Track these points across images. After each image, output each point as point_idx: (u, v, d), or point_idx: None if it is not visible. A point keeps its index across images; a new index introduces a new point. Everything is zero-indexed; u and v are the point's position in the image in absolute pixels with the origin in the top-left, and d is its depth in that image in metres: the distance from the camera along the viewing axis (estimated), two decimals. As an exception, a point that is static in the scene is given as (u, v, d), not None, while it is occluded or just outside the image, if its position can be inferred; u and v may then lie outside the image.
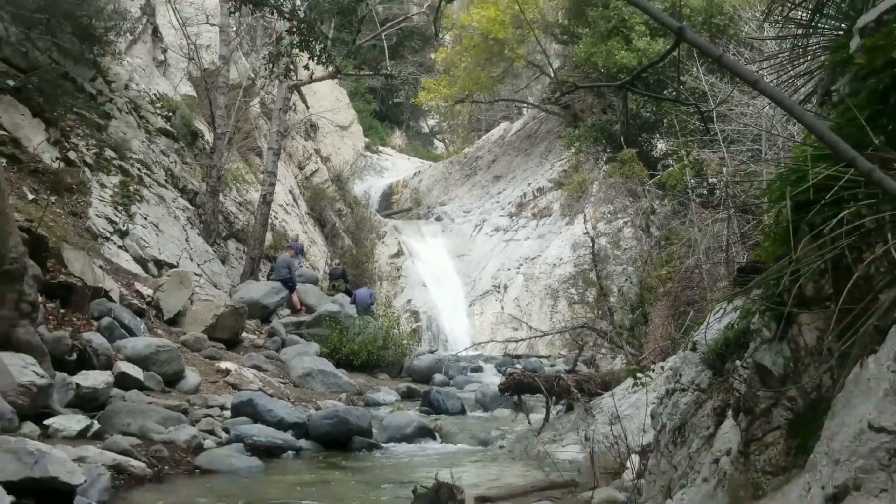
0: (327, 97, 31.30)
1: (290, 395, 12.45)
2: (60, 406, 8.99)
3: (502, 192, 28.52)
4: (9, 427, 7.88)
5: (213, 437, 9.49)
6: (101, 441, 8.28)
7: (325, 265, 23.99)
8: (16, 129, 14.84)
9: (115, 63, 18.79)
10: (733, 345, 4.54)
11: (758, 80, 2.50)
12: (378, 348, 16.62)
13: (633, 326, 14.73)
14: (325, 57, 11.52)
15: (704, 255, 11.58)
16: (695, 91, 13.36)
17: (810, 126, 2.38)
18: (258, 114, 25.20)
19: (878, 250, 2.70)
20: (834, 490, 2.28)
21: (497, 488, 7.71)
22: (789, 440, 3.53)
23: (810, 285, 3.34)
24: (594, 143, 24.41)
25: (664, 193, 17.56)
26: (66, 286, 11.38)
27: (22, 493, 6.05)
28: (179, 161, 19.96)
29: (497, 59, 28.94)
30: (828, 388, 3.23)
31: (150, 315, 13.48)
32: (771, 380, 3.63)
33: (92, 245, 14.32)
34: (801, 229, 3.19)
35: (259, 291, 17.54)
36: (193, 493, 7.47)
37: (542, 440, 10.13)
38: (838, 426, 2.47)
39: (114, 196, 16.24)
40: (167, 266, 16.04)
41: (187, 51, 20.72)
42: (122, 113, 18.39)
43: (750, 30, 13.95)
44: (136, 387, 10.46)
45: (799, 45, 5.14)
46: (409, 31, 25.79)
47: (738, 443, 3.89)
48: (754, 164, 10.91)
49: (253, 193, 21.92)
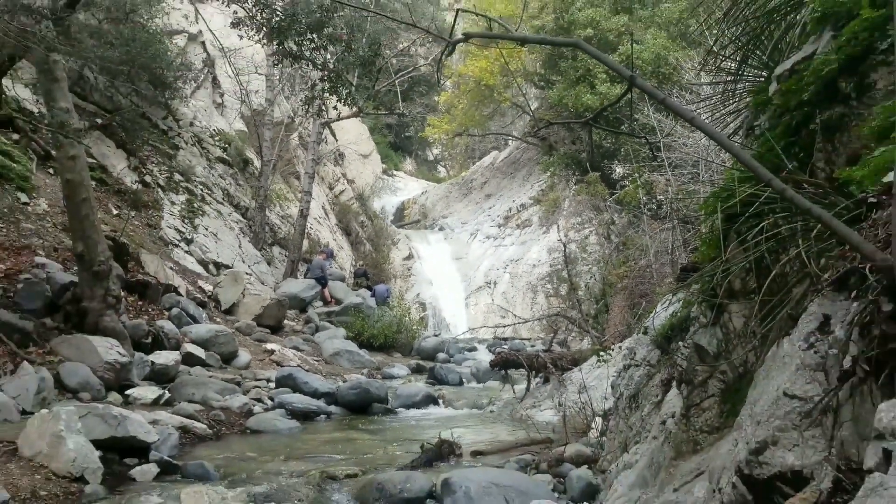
0: (352, 131, 31.25)
1: (323, 371, 12.44)
2: (138, 379, 9.01)
3: (492, 207, 28.48)
4: (97, 396, 7.91)
5: (261, 404, 9.50)
6: (171, 407, 8.29)
7: (351, 266, 23.95)
8: (103, 158, 14.87)
9: (183, 105, 18.80)
10: (677, 329, 4.54)
11: (694, 117, 2.50)
12: (393, 333, 16.58)
13: (597, 314, 14.73)
14: (350, 100, 11.51)
15: (654, 258, 11.59)
16: (646, 126, 13.36)
17: (735, 154, 2.38)
18: (297, 145, 25.19)
19: (791, 253, 2.70)
20: (756, 445, 2.28)
21: (488, 444, 7.70)
22: (722, 405, 3.53)
23: (738, 281, 3.34)
24: (565, 168, 24.44)
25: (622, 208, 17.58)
26: (143, 283, 11.40)
27: (108, 449, 6.07)
28: (234, 183, 19.95)
29: (487, 101, 28.91)
30: (752, 363, 3.23)
31: (210, 306, 13.48)
32: (707, 357, 3.63)
33: (164, 250, 14.33)
34: (730, 236, 3.19)
35: (297, 287, 17.53)
36: (245, 448, 7.46)
37: (524, 406, 10.12)
38: (760, 394, 2.47)
39: (181, 211, 16.26)
40: (224, 267, 16.05)
41: (240, 95, 20.78)
42: (187, 145, 18.41)
43: (690, 77, 13.94)
44: (199, 364, 10.48)
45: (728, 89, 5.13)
46: (417, 78, 25.70)
47: (681, 407, 3.89)
48: (694, 185, 10.90)
49: (293, 209, 21.89)
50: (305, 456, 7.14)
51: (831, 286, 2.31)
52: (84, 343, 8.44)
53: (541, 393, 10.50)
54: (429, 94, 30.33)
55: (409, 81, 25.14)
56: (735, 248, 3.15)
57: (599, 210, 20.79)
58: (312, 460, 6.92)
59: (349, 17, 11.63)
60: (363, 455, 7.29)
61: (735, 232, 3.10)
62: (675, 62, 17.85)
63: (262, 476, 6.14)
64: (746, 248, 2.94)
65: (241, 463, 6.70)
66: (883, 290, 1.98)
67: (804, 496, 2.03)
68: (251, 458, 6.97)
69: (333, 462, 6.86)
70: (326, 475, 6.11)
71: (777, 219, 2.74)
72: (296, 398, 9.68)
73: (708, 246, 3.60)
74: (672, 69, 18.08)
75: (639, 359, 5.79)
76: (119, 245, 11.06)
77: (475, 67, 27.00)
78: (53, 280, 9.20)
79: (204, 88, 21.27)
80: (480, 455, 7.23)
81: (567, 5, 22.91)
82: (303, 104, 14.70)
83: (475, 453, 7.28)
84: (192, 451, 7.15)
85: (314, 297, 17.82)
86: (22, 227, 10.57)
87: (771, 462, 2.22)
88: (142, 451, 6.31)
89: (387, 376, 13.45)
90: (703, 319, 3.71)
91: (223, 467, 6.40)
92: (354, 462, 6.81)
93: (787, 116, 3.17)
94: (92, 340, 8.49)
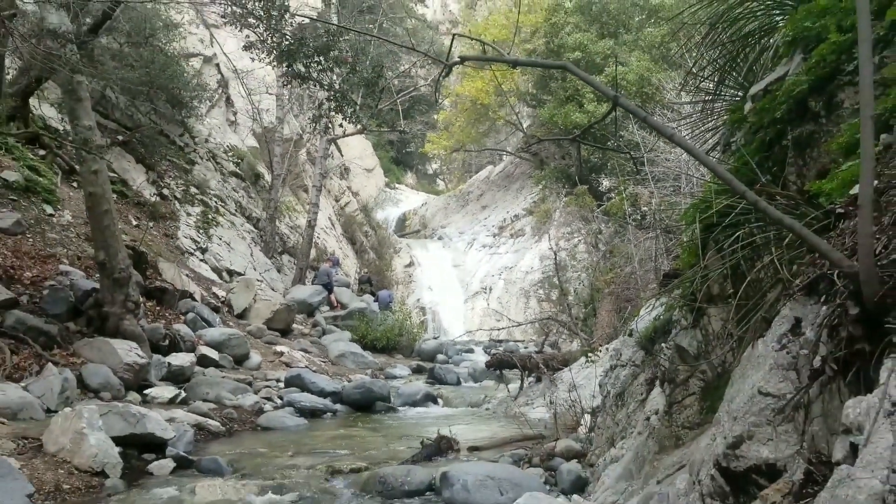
0: (357, 147, 31.29)
1: (329, 371, 12.42)
2: (156, 380, 8.99)
3: (488, 217, 28.49)
4: (117, 395, 7.89)
5: (271, 402, 9.47)
6: (186, 406, 8.28)
7: (356, 273, 23.93)
8: (124, 172, 14.88)
9: (198, 122, 18.82)
10: (660, 331, 4.54)
11: (673, 134, 2.51)
12: (395, 335, 16.55)
13: (586, 318, 14.71)
14: (355, 118, 11.51)
15: (639, 265, 11.59)
16: (630, 142, 13.39)
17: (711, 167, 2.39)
18: (305, 160, 25.20)
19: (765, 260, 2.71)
20: (733, 440, 2.28)
21: (484, 440, 7.69)
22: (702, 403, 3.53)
23: (716, 286, 3.35)
24: (556, 182, 24.49)
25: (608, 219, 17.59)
26: (161, 289, 11.39)
27: (127, 445, 6.07)
28: (246, 196, 19.96)
29: (483, 119, 29.00)
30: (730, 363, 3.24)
31: (224, 311, 13.46)
32: (688, 357, 3.63)
33: (180, 259, 14.32)
34: (708, 245, 3.20)
35: (306, 293, 17.51)
36: (256, 444, 7.44)
37: (518, 404, 10.10)
38: (736, 392, 2.48)
39: (196, 222, 16.25)
40: (237, 274, 16.03)
41: (252, 113, 20.79)
42: (203, 160, 18.43)
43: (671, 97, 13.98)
44: (213, 365, 10.45)
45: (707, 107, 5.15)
46: (417, 98, 25.74)
47: (664, 405, 3.89)
48: (675, 197, 10.91)
49: (301, 220, 21.89)
50: (313, 451, 7.12)
51: (802, 291, 2.32)
52: (105, 346, 8.43)
53: (533, 392, 10.49)
54: (428, 113, 30.40)
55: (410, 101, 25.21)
56: (713, 255, 3.16)
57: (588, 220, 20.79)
58: (319, 455, 6.90)
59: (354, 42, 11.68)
60: (367, 450, 7.27)
61: (713, 240, 3.11)
62: (657, 83, 17.91)
63: (272, 470, 6.13)
64: (723, 256, 2.95)
65: (252, 458, 6.69)
66: (850, 294, 1.99)
67: (778, 487, 2.03)
68: (262, 453, 6.95)
69: (339, 457, 6.85)
70: (332, 469, 6.10)
71: (752, 228, 2.75)
72: (304, 397, 9.66)
73: (688, 254, 3.62)
74: (655, 89, 18.14)
75: (624, 359, 5.79)
76: (138, 254, 11.06)
77: (471, 88, 27.09)
78: (77, 287, 9.19)
79: (218, 107, 21.30)
80: (477, 450, 7.22)
81: (557, 30, 23.00)
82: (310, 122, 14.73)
83: (472, 448, 7.26)
84: (206, 447, 7.13)
85: (321, 302, 17.80)
86: (47, 237, 10.58)
87: (747, 455, 2.22)
88: (159, 447, 6.30)
89: (389, 376, 13.42)
90: (684, 322, 3.72)
91: (235, 462, 6.38)
92: (359, 457, 6.80)
93: (761, 133, 3.18)
94: (112, 343, 8.48)
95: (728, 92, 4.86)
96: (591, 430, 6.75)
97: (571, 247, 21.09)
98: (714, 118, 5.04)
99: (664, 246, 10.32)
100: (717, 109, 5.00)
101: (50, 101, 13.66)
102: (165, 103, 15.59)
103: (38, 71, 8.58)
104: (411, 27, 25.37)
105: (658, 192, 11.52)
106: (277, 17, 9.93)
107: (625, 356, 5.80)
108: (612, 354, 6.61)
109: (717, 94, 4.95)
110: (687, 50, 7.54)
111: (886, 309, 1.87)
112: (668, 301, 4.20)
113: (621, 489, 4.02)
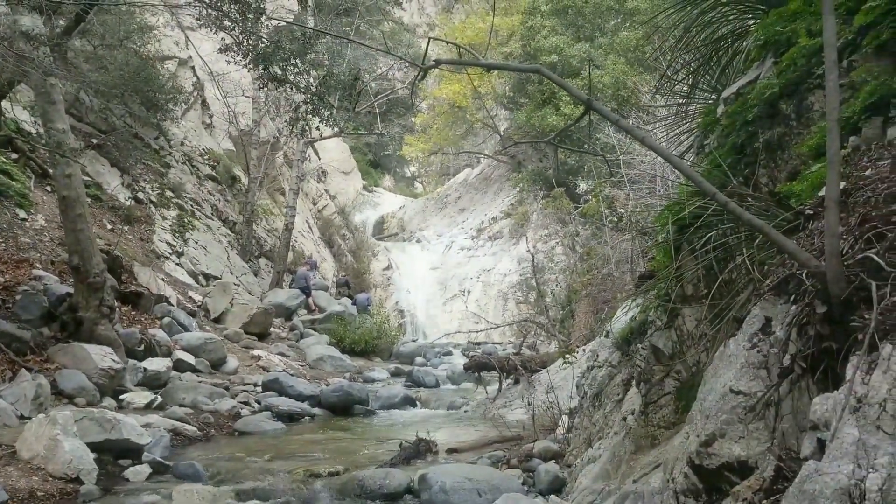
0: (334, 150, 31.16)
1: (307, 375, 12.36)
2: (132, 385, 8.90)
3: (466, 220, 28.53)
4: (92, 401, 7.81)
5: (248, 407, 9.41)
6: (162, 411, 8.20)
7: (333, 276, 23.83)
8: (98, 176, 14.71)
9: (174, 125, 18.64)
10: (636, 332, 4.58)
11: (644, 137, 2.55)
12: (373, 338, 16.50)
13: (563, 320, 14.79)
14: (332, 121, 11.49)
15: (615, 267, 11.68)
16: (607, 144, 13.49)
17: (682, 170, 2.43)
18: (282, 163, 25.06)
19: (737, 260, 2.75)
20: (706, 437, 2.31)
21: (462, 442, 7.70)
22: (677, 402, 3.57)
23: (689, 287, 3.39)
24: (533, 184, 24.57)
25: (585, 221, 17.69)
26: (137, 294, 11.28)
27: (102, 451, 6.01)
28: (222, 199, 19.81)
29: (460, 122, 29.07)
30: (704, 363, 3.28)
31: (200, 315, 13.35)
32: (663, 357, 3.67)
33: (156, 263, 14.19)
34: (682, 246, 3.24)
35: (283, 296, 17.42)
36: (233, 449, 7.40)
37: (496, 405, 10.13)
38: (709, 390, 2.51)
39: (172, 226, 16.11)
40: (213, 278, 15.91)
41: (228, 116, 20.68)
42: (178, 163, 18.26)
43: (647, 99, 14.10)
44: (190, 370, 10.36)
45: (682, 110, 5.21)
46: (394, 101, 25.72)
47: (640, 405, 3.93)
48: (651, 199, 11.01)
49: (278, 223, 21.76)
50: (291, 455, 7.10)
51: (772, 291, 2.36)
52: (80, 351, 8.33)
53: (511, 393, 10.52)
54: (406, 116, 30.37)
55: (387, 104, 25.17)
56: (687, 256, 3.20)
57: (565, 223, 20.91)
58: (297, 459, 6.88)
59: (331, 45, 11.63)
60: (345, 454, 7.26)
61: (686, 242, 3.15)
62: (632, 86, 18.06)
63: (249, 475, 6.09)
64: (696, 257, 2.99)
65: (229, 463, 6.64)
66: (817, 293, 2.03)
67: (749, 484, 2.07)
68: (239, 458, 6.91)
69: (317, 460, 6.83)
70: (310, 473, 6.08)
71: (724, 230, 2.79)
72: (281, 401, 9.61)
73: (662, 255, 3.65)
74: (630, 92, 18.28)
75: (601, 360, 5.83)
76: (113, 258, 10.94)
77: (449, 91, 27.14)
78: (50, 291, 9.08)
79: (194, 110, 21.13)
80: (455, 452, 7.24)
81: (533, 33, 23.08)
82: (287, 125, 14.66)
83: (450, 450, 7.28)
84: (182, 452, 7.07)
85: (299, 305, 17.71)
86: (20, 241, 10.44)
87: (719, 453, 2.26)
88: (135, 452, 6.24)
89: (367, 379, 13.38)
90: (659, 323, 3.76)
91: (212, 467, 6.34)
92: (337, 460, 6.78)
93: (733, 136, 3.23)
94: (87, 348, 8.38)
95: (702, 95, 4.92)
96: (568, 430, 6.79)
97: (549, 249, 21.21)
98: (688, 121, 5.10)
99: (640, 248, 10.41)
100: (692, 112, 5.07)
101: (23, 104, 13.46)
102: (140, 106, 15.42)
103: (11, 73, 8.46)
104: (388, 30, 25.33)
105: (634, 194, 11.62)
106: (253, 20, 9.88)
107: (602, 357, 5.85)
108: (590, 355, 6.66)
109: (692, 96, 5.02)
110: (662, 53, 7.62)
111: (852, 307, 1.91)
112: (644, 302, 4.24)
113: (598, 489, 4.05)
